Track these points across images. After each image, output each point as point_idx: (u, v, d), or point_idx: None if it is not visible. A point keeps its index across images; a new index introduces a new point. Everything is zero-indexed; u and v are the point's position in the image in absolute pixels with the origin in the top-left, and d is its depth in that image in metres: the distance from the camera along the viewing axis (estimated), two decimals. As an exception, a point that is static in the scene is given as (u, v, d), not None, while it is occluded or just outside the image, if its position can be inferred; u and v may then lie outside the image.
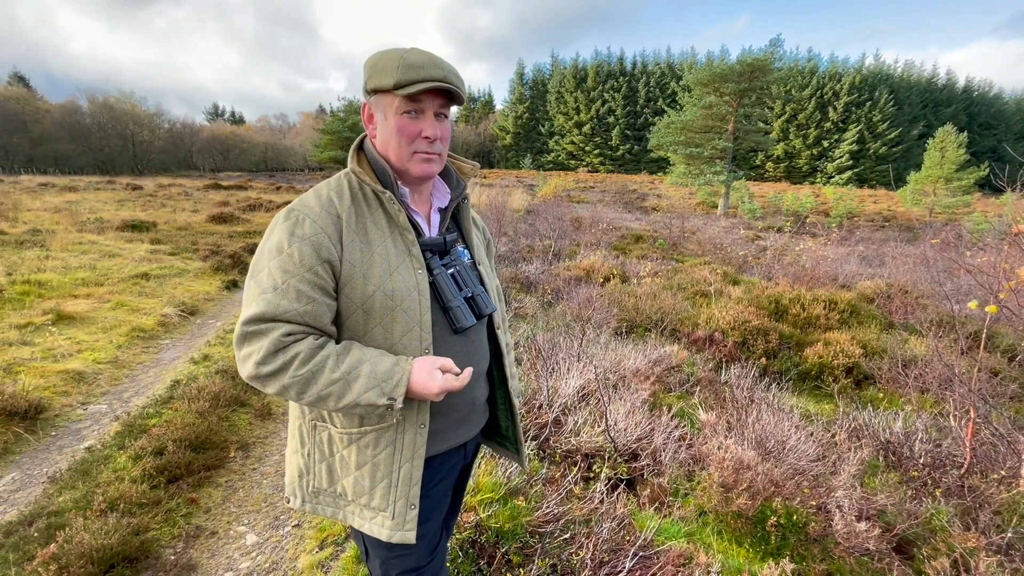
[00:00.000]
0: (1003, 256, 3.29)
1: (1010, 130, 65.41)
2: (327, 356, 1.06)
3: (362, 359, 1.07)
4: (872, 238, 16.89)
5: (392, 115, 1.12)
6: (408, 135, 1.12)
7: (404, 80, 1.06)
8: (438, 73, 1.07)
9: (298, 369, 1.03)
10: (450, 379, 1.09)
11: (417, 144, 1.13)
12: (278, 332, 1.03)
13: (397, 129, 1.12)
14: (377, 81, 1.10)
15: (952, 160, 26.21)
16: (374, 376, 1.05)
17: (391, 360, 1.08)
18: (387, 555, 1.28)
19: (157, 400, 3.66)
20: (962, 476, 3.08)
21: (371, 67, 1.11)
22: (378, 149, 1.18)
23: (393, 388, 1.05)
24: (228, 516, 2.64)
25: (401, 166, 1.17)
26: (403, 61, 1.06)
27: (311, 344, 1.06)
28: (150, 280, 7.02)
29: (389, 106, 1.12)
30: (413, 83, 1.06)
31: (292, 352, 1.04)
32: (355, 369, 1.05)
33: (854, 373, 4.75)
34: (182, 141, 57.50)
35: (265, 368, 1.03)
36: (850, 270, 9.76)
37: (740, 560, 2.28)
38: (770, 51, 26.92)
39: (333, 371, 1.05)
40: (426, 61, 1.07)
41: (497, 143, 75.65)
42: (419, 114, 1.12)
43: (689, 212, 20.90)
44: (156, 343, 5.03)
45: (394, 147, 1.14)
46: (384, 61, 1.09)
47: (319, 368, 1.04)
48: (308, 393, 1.05)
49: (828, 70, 62.62)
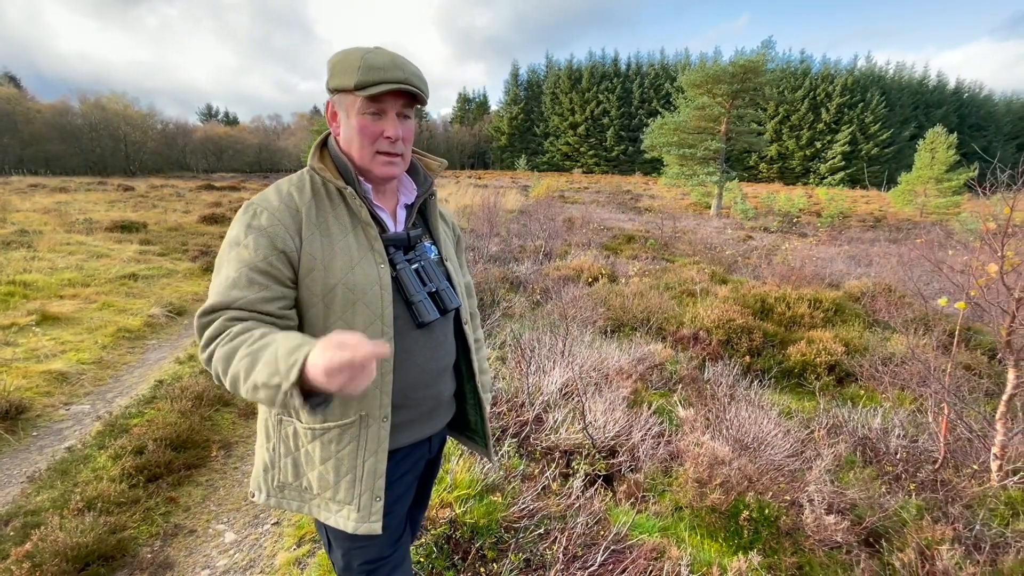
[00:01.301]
0: (976, 254, 3.35)
1: (1000, 131, 66.03)
2: (253, 333, 0.98)
3: (277, 337, 0.93)
4: (862, 238, 17.03)
5: (354, 115, 1.13)
6: (370, 135, 1.14)
7: (365, 81, 1.07)
8: (399, 75, 1.09)
9: (223, 345, 0.98)
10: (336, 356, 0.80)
11: (379, 144, 1.15)
12: (223, 317, 1.03)
13: (359, 129, 1.13)
14: (339, 80, 1.11)
15: (942, 161, 26.46)
16: (275, 352, 0.89)
17: (301, 340, 0.90)
18: (349, 546, 1.30)
19: (140, 400, 3.66)
20: (936, 471, 3.13)
21: (333, 66, 1.13)
22: (341, 147, 1.20)
23: (289, 368, 0.85)
24: (207, 514, 2.65)
25: (364, 166, 1.18)
26: (364, 62, 1.08)
27: (247, 324, 1.02)
28: (138, 281, 7.00)
29: (351, 106, 1.13)
30: (374, 84, 1.07)
31: (228, 331, 1.00)
32: (267, 347, 0.92)
33: (836, 371, 4.81)
34: (175, 142, 57.17)
35: (207, 351, 1.02)
36: (837, 269, 9.85)
37: (712, 554, 2.31)
38: (762, 52, 27.05)
39: (249, 346, 0.94)
40: (387, 62, 1.09)
41: (492, 144, 75.67)
42: (381, 115, 1.14)
43: (682, 213, 21.03)
44: (142, 343, 5.02)
45: (356, 147, 1.16)
46: (346, 61, 1.10)
47: (240, 343, 0.96)
48: (228, 372, 0.95)
49: (820, 72, 63.02)
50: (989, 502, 2.77)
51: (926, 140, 27.79)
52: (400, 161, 1.20)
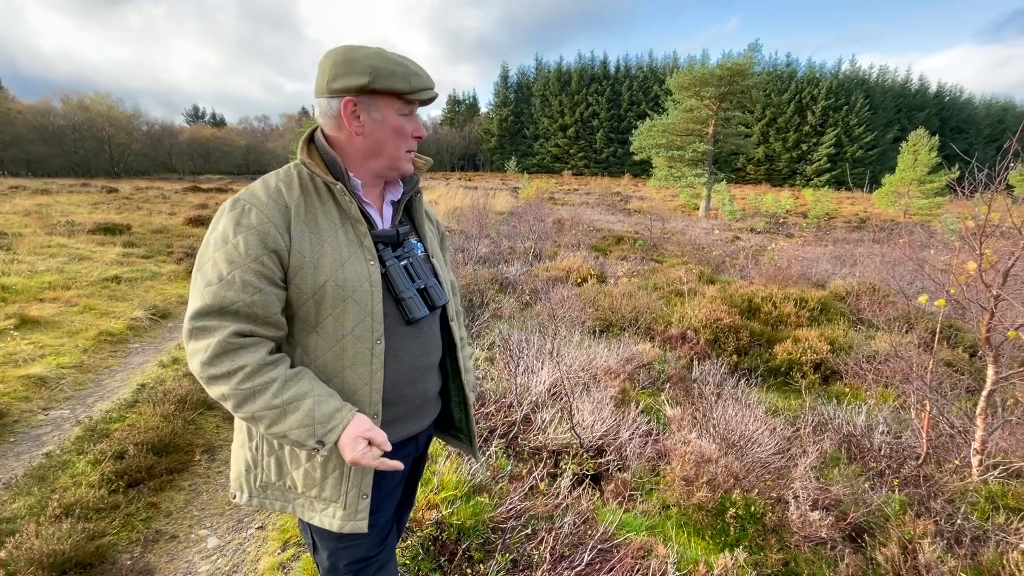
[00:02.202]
0: (956, 253, 3.40)
1: (980, 134, 67.37)
2: (275, 378, 1.06)
3: (308, 393, 1.07)
4: (847, 239, 17.27)
5: (393, 116, 1.17)
6: (405, 135, 1.20)
7: (416, 87, 1.15)
8: (432, 82, 1.20)
9: (242, 383, 1.03)
10: (368, 455, 1.07)
11: (409, 143, 1.22)
12: (227, 332, 1.03)
13: (397, 130, 1.18)
14: (386, 83, 1.11)
15: (924, 163, 26.91)
16: (311, 415, 1.05)
17: (335, 404, 1.08)
18: (335, 546, 1.28)
19: (122, 404, 3.59)
20: (918, 466, 3.17)
21: (374, 68, 1.10)
22: (362, 147, 1.19)
23: (326, 433, 1.06)
24: (190, 520, 2.61)
25: (393, 164, 1.22)
26: (407, 69, 1.14)
27: (262, 359, 1.06)
28: (121, 283, 6.88)
29: (389, 107, 1.16)
30: (421, 91, 1.16)
31: (240, 362, 1.04)
32: (297, 401, 1.06)
33: (821, 369, 4.86)
34: (161, 143, 56.38)
35: (211, 370, 1.03)
36: (823, 269, 9.97)
37: (698, 552, 2.32)
38: (749, 55, 27.37)
39: (275, 396, 1.05)
40: (422, 71, 1.18)
41: (482, 146, 75.65)
42: (411, 116, 1.21)
43: (671, 214, 21.17)
44: (125, 347, 4.94)
45: (392, 146, 1.19)
46: (389, 65, 1.11)
47: (262, 388, 1.04)
48: (244, 409, 1.05)
49: (806, 75, 63.92)
50: (970, 496, 2.81)
51: (909, 142, 28.25)
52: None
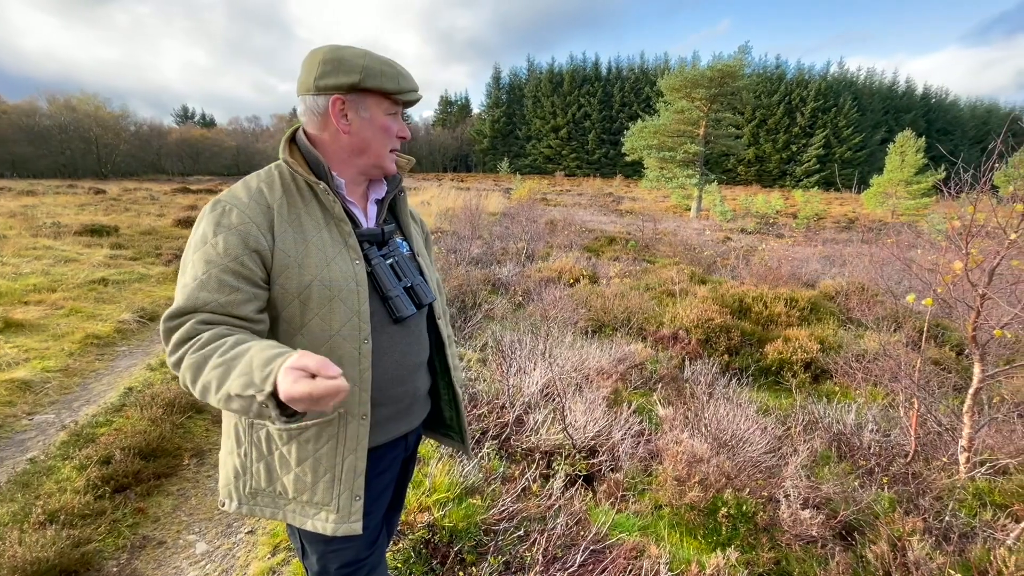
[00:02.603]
0: (943, 253, 3.45)
1: (965, 135, 68.42)
2: (225, 341, 0.96)
3: (252, 346, 0.93)
4: (836, 239, 17.45)
5: (381, 116, 1.19)
6: (390, 134, 1.21)
7: (404, 88, 1.17)
8: (417, 86, 1.22)
9: (193, 353, 0.96)
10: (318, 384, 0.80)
11: (393, 142, 1.23)
12: (193, 320, 1.00)
13: (384, 129, 1.19)
14: (376, 83, 1.13)
15: (911, 164, 27.28)
16: (250, 363, 0.89)
17: (278, 351, 0.89)
18: (325, 549, 1.27)
19: (108, 408, 3.54)
20: (907, 464, 3.20)
21: (365, 67, 1.11)
22: (348, 145, 1.19)
23: (265, 378, 0.85)
24: (178, 525, 2.57)
25: (378, 162, 1.23)
26: (394, 69, 1.16)
27: (218, 331, 0.99)
28: (108, 286, 6.78)
29: (377, 106, 1.18)
30: (409, 92, 1.19)
31: (199, 337, 0.98)
32: (241, 357, 0.91)
33: (812, 368, 4.90)
34: (149, 144, 55.65)
35: (173, 357, 0.99)
36: (813, 269, 10.06)
37: (691, 552, 2.32)
38: (739, 57, 27.61)
39: (221, 355, 0.93)
40: (409, 73, 1.20)
41: (474, 147, 75.59)
42: (397, 116, 1.22)
43: (662, 215, 21.27)
44: (112, 350, 4.87)
45: (378, 144, 1.20)
46: (379, 65, 1.14)
47: (211, 352, 0.94)
48: (198, 382, 0.94)
49: (795, 77, 64.60)
50: (958, 493, 2.84)
51: (896, 144, 28.63)
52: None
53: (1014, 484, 2.92)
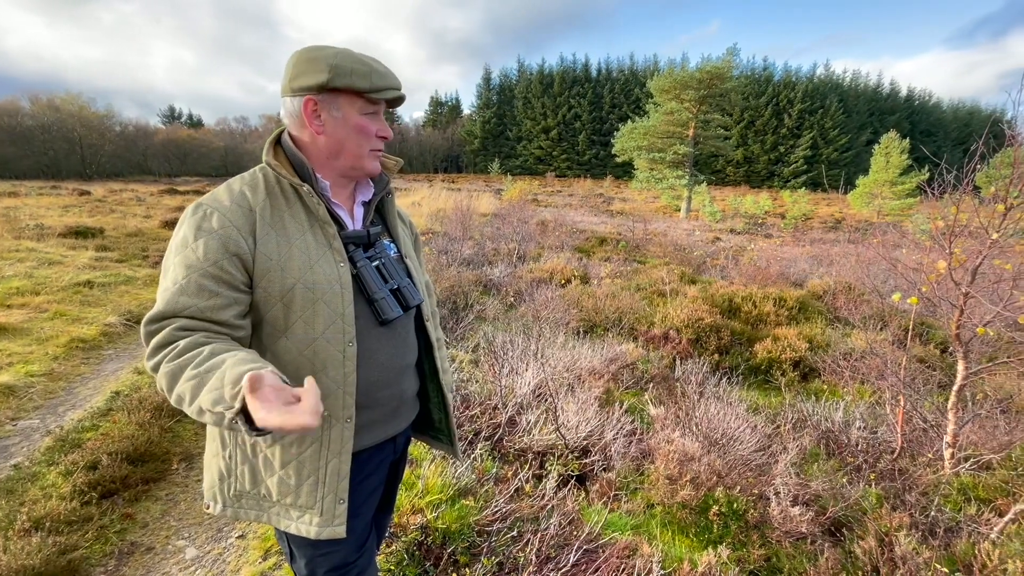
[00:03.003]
0: (928, 252, 3.51)
1: (948, 137, 69.62)
2: (202, 351, 0.94)
3: (226, 359, 0.91)
4: (823, 239, 17.67)
5: (355, 115, 1.16)
6: (368, 134, 1.18)
7: (378, 86, 1.14)
8: (398, 83, 1.18)
9: (171, 360, 0.94)
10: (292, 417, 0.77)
11: (373, 143, 1.20)
12: (172, 326, 1.00)
13: (359, 128, 1.17)
14: (346, 81, 1.11)
15: (896, 165, 27.69)
16: (222, 378, 0.87)
17: (248, 366, 0.87)
18: (313, 553, 1.26)
19: (95, 412, 3.49)
20: (894, 460, 3.26)
21: (334, 66, 1.10)
22: (324, 147, 1.18)
23: (233, 396, 0.84)
24: (167, 530, 2.54)
25: (356, 163, 1.20)
26: (369, 67, 1.13)
27: (197, 339, 0.98)
28: (94, 288, 6.68)
29: (350, 106, 1.15)
30: (384, 90, 1.15)
31: (177, 344, 0.97)
32: (214, 370, 0.90)
33: (800, 367, 4.96)
34: (135, 145, 54.85)
35: (150, 362, 0.98)
36: (801, 269, 10.18)
37: (683, 550, 2.34)
38: (727, 59, 27.88)
39: (196, 367, 0.92)
40: (386, 70, 1.17)
41: (465, 148, 75.49)
42: (376, 116, 1.19)
43: (652, 215, 21.40)
44: (98, 354, 4.80)
45: (353, 145, 1.18)
46: (349, 63, 1.11)
47: (186, 363, 0.93)
48: (173, 391, 0.93)
49: (782, 79, 65.34)
50: (943, 489, 2.89)
51: (881, 145, 29.04)
52: (381, 157, 1.27)
53: (997, 479, 2.98)
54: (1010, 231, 2.80)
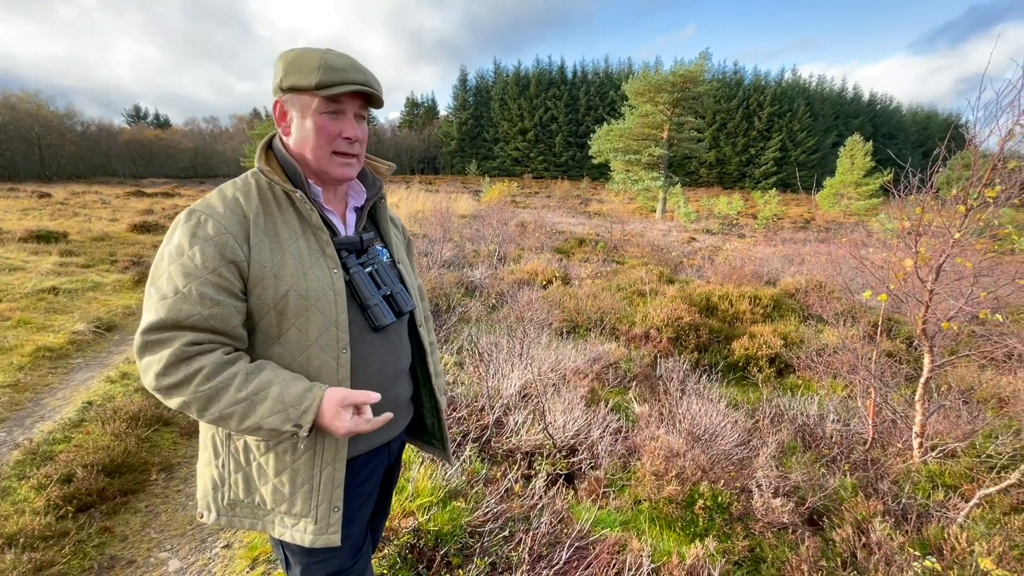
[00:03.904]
0: (894, 251, 3.66)
1: (908, 140, 72.54)
2: (235, 373, 1.02)
3: (273, 380, 1.03)
4: (794, 238, 18.20)
5: (311, 115, 1.11)
6: (328, 135, 1.12)
7: (327, 81, 1.06)
8: (360, 76, 1.09)
9: (201, 384, 0.99)
10: (360, 423, 1.06)
11: (337, 144, 1.14)
12: (181, 341, 1.00)
13: (316, 129, 1.12)
14: (294, 80, 1.09)
15: (860, 167, 28.73)
16: (282, 400, 1.01)
17: (304, 385, 1.04)
18: (308, 560, 1.25)
19: (66, 424, 3.36)
20: (866, 451, 3.39)
21: (288, 64, 1.09)
22: (292, 148, 1.17)
23: (301, 415, 1.01)
24: (148, 543, 2.47)
25: (319, 167, 1.16)
26: (324, 62, 1.07)
27: (218, 358, 1.02)
28: (60, 295, 6.43)
29: (307, 106, 1.11)
30: (335, 84, 1.07)
31: (196, 365, 1.00)
32: (263, 391, 1.02)
33: (776, 363, 5.11)
34: (98, 145, 52.84)
35: (166, 380, 0.99)
36: (774, 268, 10.47)
37: (671, 543, 2.39)
38: (699, 63, 28.48)
39: (239, 390, 1.01)
40: (347, 64, 1.10)
41: (442, 149, 75.13)
42: (339, 115, 1.13)
43: (629, 216, 21.67)
44: (66, 363, 4.62)
45: (312, 147, 1.14)
46: (303, 60, 1.09)
47: (224, 385, 1.01)
48: (210, 411, 1.01)
49: (752, 82, 67.09)
50: (913, 476, 3.02)
51: (846, 147, 30.10)
52: (356, 162, 1.19)
53: (962, 466, 3.13)
54: (971, 231, 2.95)
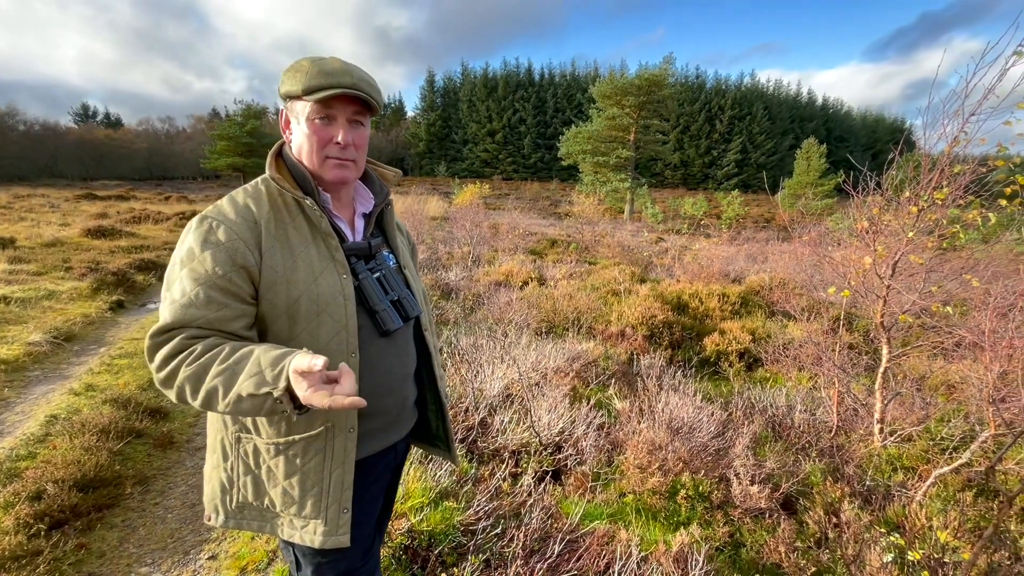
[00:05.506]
0: (852, 249, 3.88)
1: (859, 142, 76.40)
2: (222, 349, 0.99)
3: (253, 349, 0.99)
4: (757, 237, 18.89)
5: (304, 120, 1.14)
6: (320, 140, 1.14)
7: (314, 86, 1.08)
8: (347, 80, 1.10)
9: (190, 364, 0.97)
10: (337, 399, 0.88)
11: (329, 149, 1.16)
12: (181, 336, 1.01)
13: (309, 134, 1.14)
14: (288, 87, 1.12)
15: (816, 168, 30.08)
16: (258, 363, 0.94)
17: (285, 350, 0.96)
18: (320, 561, 1.27)
19: (30, 439, 3.21)
20: (832, 438, 3.59)
21: (285, 72, 1.14)
22: (294, 154, 1.20)
23: (277, 375, 0.92)
24: (127, 558, 2.40)
25: (315, 171, 1.18)
26: (314, 67, 1.09)
27: (210, 342, 1.01)
28: (11, 304, 6.09)
29: (301, 112, 1.14)
30: (322, 89, 1.08)
31: (189, 350, 0.99)
32: (245, 359, 0.96)
33: (746, 357, 5.32)
34: (43, 145, 50.02)
35: (164, 371, 0.99)
36: (739, 266, 10.85)
37: (656, 533, 2.48)
38: (664, 67, 29.22)
39: (223, 362, 0.97)
40: (338, 68, 1.10)
41: (410, 150, 74.44)
42: (331, 120, 1.14)
43: (599, 217, 21.99)
44: (22, 376, 4.39)
45: (307, 152, 1.16)
46: (297, 67, 1.11)
47: (210, 361, 0.97)
48: (201, 391, 0.97)
49: (714, 86, 69.32)
50: (875, 460, 3.22)
51: (802, 150, 31.47)
52: (352, 166, 1.20)
53: (918, 449, 3.36)
54: (922, 230, 3.17)
